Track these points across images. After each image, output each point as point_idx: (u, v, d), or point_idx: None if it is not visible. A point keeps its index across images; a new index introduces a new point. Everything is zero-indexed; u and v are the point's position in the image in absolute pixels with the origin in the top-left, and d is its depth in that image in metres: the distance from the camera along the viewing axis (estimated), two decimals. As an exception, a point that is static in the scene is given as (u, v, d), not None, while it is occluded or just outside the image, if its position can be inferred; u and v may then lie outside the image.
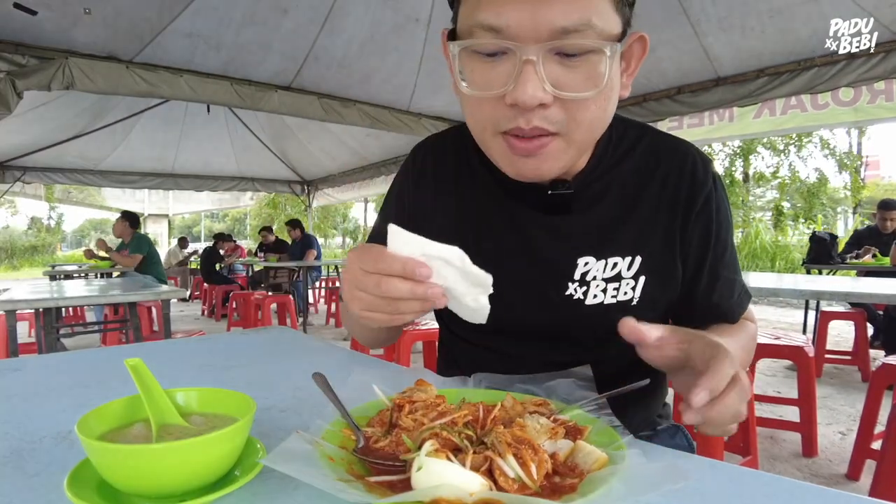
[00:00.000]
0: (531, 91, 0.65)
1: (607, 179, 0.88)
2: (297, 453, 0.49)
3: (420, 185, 0.99)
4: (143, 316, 5.37)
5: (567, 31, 0.64)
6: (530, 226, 0.89)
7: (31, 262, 27.03)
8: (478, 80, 0.71)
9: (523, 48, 0.65)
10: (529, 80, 0.65)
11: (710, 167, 0.89)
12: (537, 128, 0.69)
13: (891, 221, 5.31)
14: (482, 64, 0.70)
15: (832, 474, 2.60)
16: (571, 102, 0.68)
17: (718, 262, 0.90)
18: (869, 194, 16.74)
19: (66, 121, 7.01)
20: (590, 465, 0.51)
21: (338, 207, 25.78)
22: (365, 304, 0.62)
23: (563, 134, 0.71)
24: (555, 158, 0.74)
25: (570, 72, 0.67)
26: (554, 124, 0.70)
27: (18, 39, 3.89)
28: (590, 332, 0.90)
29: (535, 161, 0.73)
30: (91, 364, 1.05)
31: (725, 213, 0.90)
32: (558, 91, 0.67)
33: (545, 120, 0.69)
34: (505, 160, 0.76)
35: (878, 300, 2.96)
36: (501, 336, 0.95)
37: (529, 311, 0.90)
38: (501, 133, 0.73)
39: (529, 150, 0.72)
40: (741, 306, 0.94)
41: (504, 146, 0.74)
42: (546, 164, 0.74)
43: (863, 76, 3.89)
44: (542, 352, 0.92)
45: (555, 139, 0.71)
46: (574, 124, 0.70)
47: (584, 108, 0.70)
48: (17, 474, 0.55)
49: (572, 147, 0.74)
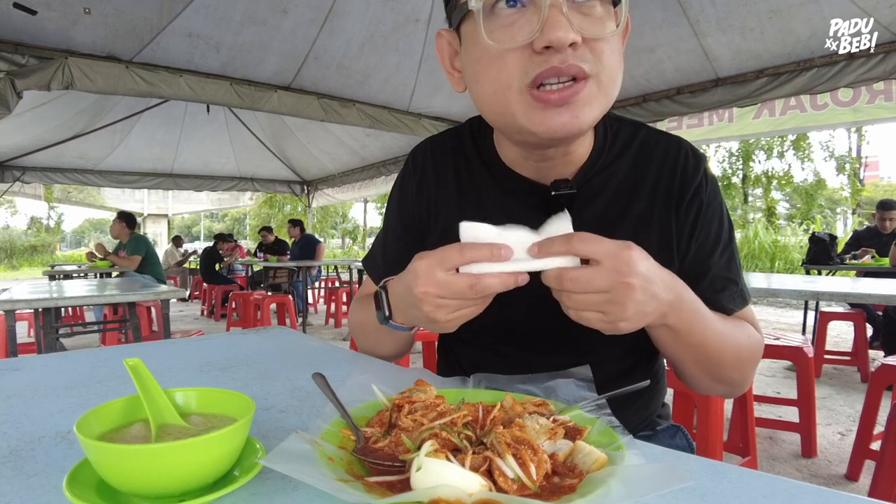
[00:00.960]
0: (563, 30, 0.67)
1: (604, 177, 0.88)
2: (296, 453, 0.49)
3: (422, 188, 0.99)
4: (143, 316, 5.37)
5: None
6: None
7: (31, 261, 27.04)
8: (500, 35, 0.71)
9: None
10: (559, 20, 0.67)
11: (703, 162, 0.89)
12: (573, 65, 0.69)
13: (890, 221, 5.31)
14: (504, 18, 0.71)
15: (831, 475, 2.60)
16: (595, 42, 0.70)
17: (708, 256, 0.87)
18: (868, 195, 16.76)
19: (66, 121, 7.01)
20: (589, 465, 0.51)
21: (337, 208, 25.79)
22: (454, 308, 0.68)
23: (594, 75, 0.71)
24: (590, 105, 0.72)
25: (588, 18, 0.70)
26: (586, 62, 0.70)
27: (18, 39, 3.89)
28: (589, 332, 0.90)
29: (571, 110, 0.72)
30: (90, 364, 1.05)
31: (718, 209, 0.88)
32: (583, 30, 0.69)
33: (579, 58, 0.69)
34: (534, 117, 0.73)
35: (877, 301, 2.95)
36: (501, 337, 0.95)
37: (529, 312, 0.90)
38: (528, 89, 0.71)
39: (565, 97, 0.70)
40: (731, 303, 0.88)
41: (531, 102, 0.72)
42: (583, 110, 0.72)
43: (862, 77, 3.89)
44: (542, 352, 0.92)
45: (587, 83, 0.71)
46: (602, 66, 0.71)
47: (609, 51, 0.71)
48: (16, 474, 0.55)
49: (602, 92, 0.73)
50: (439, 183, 0.97)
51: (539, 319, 0.91)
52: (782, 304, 9.55)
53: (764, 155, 16.94)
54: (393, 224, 1.05)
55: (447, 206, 0.96)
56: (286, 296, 6.82)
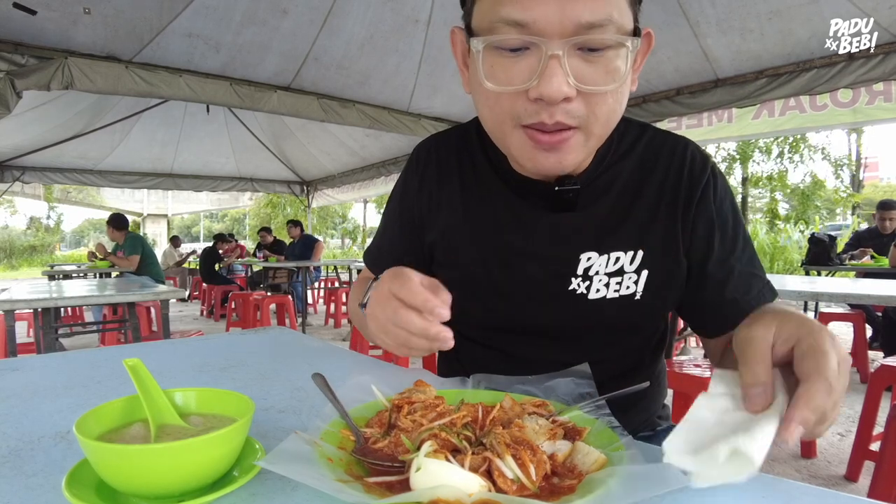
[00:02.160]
0: (557, 85, 0.66)
1: (609, 176, 0.89)
2: (295, 454, 0.49)
3: (424, 184, 0.99)
4: (142, 316, 5.36)
5: (591, 26, 0.65)
6: (534, 223, 0.89)
7: (30, 261, 27.03)
8: (499, 76, 0.71)
9: (549, 43, 0.66)
10: (555, 74, 0.66)
11: (709, 161, 0.90)
12: (560, 122, 0.70)
13: (890, 221, 5.31)
14: (503, 59, 0.70)
15: (831, 475, 2.60)
16: (592, 96, 0.70)
17: (729, 255, 0.87)
18: (867, 195, 16.77)
19: (66, 121, 7.00)
20: (588, 466, 0.51)
21: (337, 208, 25.80)
22: (380, 326, 0.67)
23: (583, 127, 0.72)
24: (575, 151, 0.74)
25: (590, 66, 0.68)
26: (575, 118, 0.70)
27: (18, 39, 3.88)
28: (593, 327, 0.90)
29: (558, 155, 0.74)
30: (90, 364, 1.05)
31: (730, 206, 0.89)
32: (581, 85, 0.68)
33: (567, 114, 0.70)
34: (525, 153, 0.76)
35: (876, 301, 2.96)
36: (505, 333, 0.95)
37: (533, 307, 0.91)
38: (521, 127, 0.73)
39: (553, 143, 0.72)
40: (762, 302, 0.86)
41: (524, 139, 0.74)
42: (568, 157, 0.74)
43: (861, 78, 3.89)
44: (545, 349, 0.92)
45: (575, 133, 0.72)
46: (593, 117, 0.71)
47: (603, 102, 0.71)
48: (16, 474, 0.55)
49: (591, 140, 0.74)
50: (442, 179, 0.97)
51: (540, 315, 0.91)
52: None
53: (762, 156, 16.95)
54: (393, 218, 1.05)
55: (450, 203, 0.96)
56: (286, 296, 6.82)
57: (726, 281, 0.86)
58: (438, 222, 0.97)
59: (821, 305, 4.57)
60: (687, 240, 0.87)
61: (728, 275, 0.86)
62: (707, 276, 0.87)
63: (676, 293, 0.90)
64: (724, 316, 0.86)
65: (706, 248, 0.87)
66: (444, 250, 0.97)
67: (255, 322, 6.16)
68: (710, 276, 0.87)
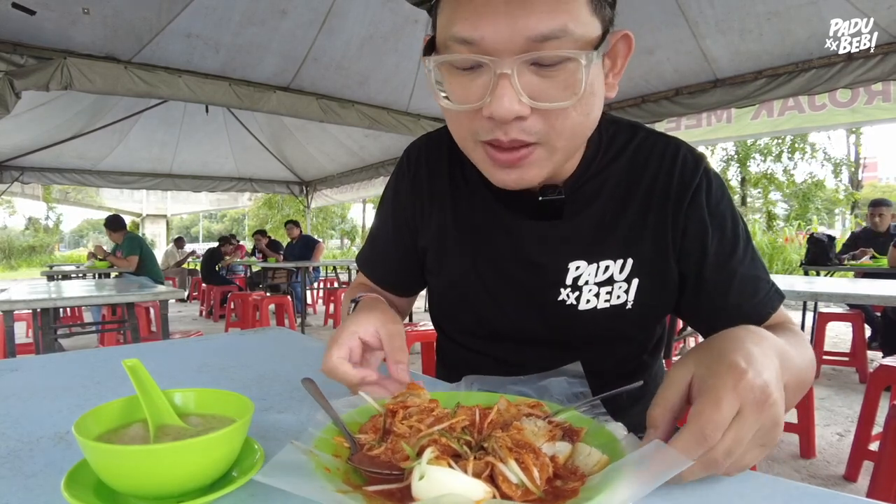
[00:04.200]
0: (507, 105, 0.64)
1: (597, 182, 0.86)
2: (292, 466, 0.48)
3: (415, 187, 0.98)
4: (141, 316, 5.36)
5: (545, 38, 0.63)
6: (521, 231, 0.88)
7: (29, 262, 27.00)
8: (457, 93, 0.70)
9: (498, 62, 0.64)
10: (505, 93, 0.64)
11: (702, 162, 0.86)
12: (516, 140, 0.68)
13: (880, 217, 5.35)
14: (460, 77, 0.69)
15: (830, 475, 2.61)
16: (550, 112, 0.67)
17: (729, 258, 0.83)
18: (867, 196, 16.79)
19: (65, 121, 7.00)
20: (591, 466, 0.51)
21: (336, 209, 25.78)
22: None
23: (544, 143, 0.70)
24: (538, 167, 0.72)
25: (546, 81, 0.66)
26: (533, 135, 0.68)
27: (17, 39, 3.88)
28: (584, 338, 0.89)
29: (518, 171, 0.72)
30: (89, 365, 1.04)
31: (726, 207, 0.85)
32: (535, 102, 0.66)
33: (523, 132, 0.68)
34: (487, 169, 0.75)
35: (875, 302, 2.96)
36: (498, 341, 0.95)
37: (523, 317, 0.90)
38: (482, 143, 0.72)
39: (511, 161, 0.71)
40: (769, 306, 0.84)
41: (484, 155, 0.73)
42: (529, 172, 0.73)
43: (860, 78, 3.90)
44: (537, 357, 0.91)
45: (535, 148, 0.70)
46: (554, 133, 0.69)
47: (564, 117, 0.68)
48: (15, 475, 0.55)
49: (556, 154, 0.72)
50: (433, 183, 0.96)
51: (531, 324, 0.90)
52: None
53: (761, 157, 16.95)
54: (385, 221, 1.04)
55: (440, 207, 0.95)
56: (285, 296, 6.81)
57: (728, 285, 0.83)
58: (430, 227, 0.96)
59: (820, 305, 4.57)
60: (678, 245, 0.85)
61: (730, 279, 0.83)
62: (705, 281, 0.84)
63: (669, 300, 0.88)
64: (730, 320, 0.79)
65: (700, 252, 0.84)
66: (435, 256, 0.96)
67: (254, 322, 6.15)
68: (708, 280, 0.84)
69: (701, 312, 0.87)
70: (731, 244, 0.84)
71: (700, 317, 0.88)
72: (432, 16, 0.74)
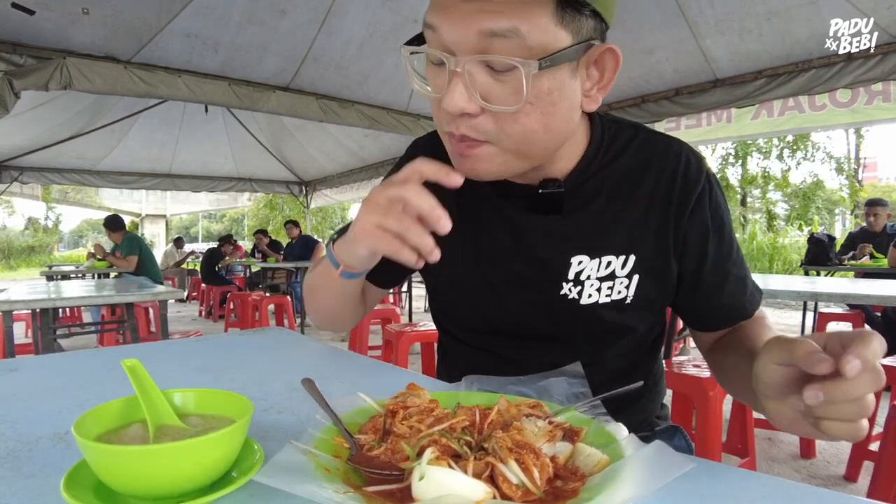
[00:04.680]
0: (456, 101, 0.68)
1: (599, 179, 0.87)
2: (291, 466, 0.48)
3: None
4: (141, 317, 5.36)
5: (493, 34, 0.65)
6: (523, 226, 0.89)
7: (29, 262, 26.99)
8: (431, 83, 0.74)
9: (451, 59, 0.67)
10: (455, 90, 0.68)
11: (703, 165, 0.88)
12: (464, 135, 0.72)
13: (875, 217, 5.38)
14: (432, 68, 0.73)
15: (830, 476, 2.61)
16: (500, 114, 0.70)
17: (725, 260, 0.88)
18: (866, 196, 16.80)
19: (64, 121, 6.99)
20: (591, 467, 0.51)
21: (336, 209, 25.77)
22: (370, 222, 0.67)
23: (494, 142, 0.73)
24: (487, 162, 0.75)
25: (499, 84, 0.68)
26: (482, 133, 0.72)
27: (16, 39, 3.88)
28: (586, 332, 0.90)
29: (470, 161, 0.75)
30: (88, 365, 1.04)
31: (724, 211, 0.89)
32: (486, 103, 0.68)
33: (472, 129, 0.71)
34: (452, 157, 0.78)
35: (875, 302, 2.96)
36: (498, 337, 0.95)
37: (525, 312, 0.90)
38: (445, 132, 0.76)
39: (461, 150, 0.74)
40: (753, 303, 0.91)
41: (448, 143, 0.77)
42: (479, 165, 0.75)
43: (860, 78, 3.89)
44: (539, 353, 0.92)
45: (483, 145, 0.73)
46: (504, 135, 0.71)
47: (514, 121, 0.70)
48: (14, 475, 0.55)
49: (507, 154, 0.74)
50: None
51: (532, 319, 0.90)
52: (781, 305, 9.56)
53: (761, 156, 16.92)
54: None
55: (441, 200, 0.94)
56: (284, 297, 6.81)
57: (722, 286, 0.89)
58: None
59: (820, 306, 4.57)
60: (679, 246, 0.87)
61: (724, 280, 0.88)
62: (702, 282, 0.89)
63: (668, 296, 0.91)
64: (720, 317, 0.91)
65: (700, 254, 0.87)
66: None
67: (253, 322, 6.15)
68: (705, 281, 0.88)
69: (695, 309, 0.93)
70: (728, 247, 0.89)
71: (693, 313, 0.94)
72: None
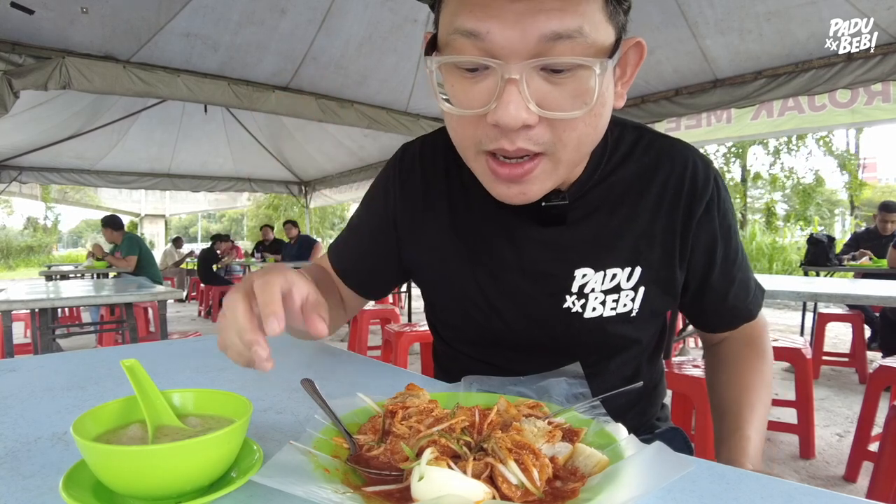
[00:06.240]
0: (514, 112, 0.60)
1: (604, 188, 0.84)
2: (290, 466, 0.48)
3: (408, 191, 0.93)
4: (140, 317, 5.36)
5: (557, 37, 0.59)
6: (525, 238, 0.85)
7: (28, 262, 26.95)
8: (459, 97, 0.66)
9: (505, 66, 0.60)
10: (512, 100, 0.60)
11: (711, 170, 0.86)
12: (521, 149, 0.65)
13: (891, 224, 5.29)
14: (463, 80, 0.65)
15: (829, 476, 2.61)
16: (558, 122, 0.64)
17: (733, 265, 0.89)
18: (866, 196, 16.79)
19: (63, 120, 6.99)
20: (591, 468, 0.51)
21: (335, 208, 25.77)
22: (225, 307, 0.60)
23: (550, 154, 0.67)
24: (541, 182, 0.70)
25: (556, 89, 0.62)
26: (539, 145, 0.65)
27: (15, 39, 3.88)
28: (589, 345, 0.88)
29: (520, 186, 0.69)
30: (87, 365, 1.04)
31: (732, 217, 0.88)
32: (544, 111, 0.62)
33: (529, 141, 0.64)
34: (488, 182, 0.72)
35: (875, 302, 2.96)
36: (499, 349, 0.93)
37: (527, 325, 0.88)
38: (484, 153, 0.68)
39: (514, 176, 0.68)
40: (757, 304, 0.94)
41: (486, 168, 0.70)
42: (532, 188, 0.70)
43: (860, 78, 3.90)
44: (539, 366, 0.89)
45: (540, 161, 0.67)
46: (560, 144, 0.66)
47: (572, 128, 0.65)
48: (12, 476, 0.55)
49: (560, 167, 0.69)
50: (428, 190, 0.92)
51: (534, 332, 0.88)
52: (780, 306, 9.56)
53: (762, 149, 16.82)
54: (366, 217, 0.99)
55: (437, 216, 0.91)
56: (284, 296, 6.78)
57: (728, 290, 0.90)
58: (424, 238, 0.92)
59: (819, 306, 4.56)
60: (686, 253, 0.85)
61: (730, 284, 0.89)
62: (710, 287, 0.89)
63: (672, 304, 0.90)
64: (726, 320, 0.94)
65: (708, 261, 0.87)
66: (433, 267, 0.93)
67: (253, 322, 6.13)
68: (713, 286, 0.89)
69: (702, 313, 0.94)
70: (735, 252, 0.89)
71: (700, 316, 0.95)
72: (435, 11, 0.70)
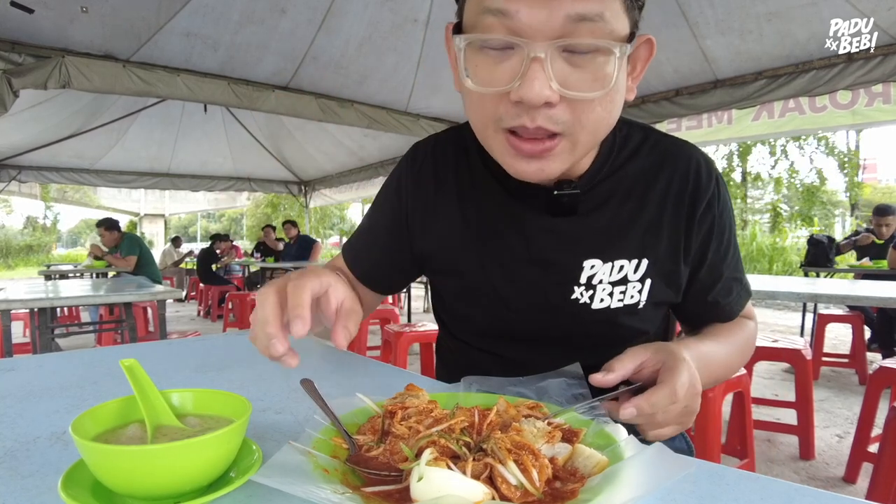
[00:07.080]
0: (538, 89, 0.63)
1: (613, 181, 0.86)
2: (290, 466, 0.48)
3: (420, 186, 0.95)
4: (139, 316, 5.36)
5: (582, 19, 0.62)
6: (535, 228, 0.87)
7: (27, 261, 26.94)
8: (482, 76, 0.68)
9: (531, 44, 0.63)
10: (537, 77, 0.63)
11: (714, 169, 0.88)
12: (541, 127, 0.67)
13: (887, 227, 5.27)
14: (487, 59, 0.67)
15: (829, 477, 2.61)
16: (577, 103, 0.67)
17: (721, 262, 0.90)
18: (866, 197, 16.78)
19: (63, 120, 6.99)
20: (590, 468, 0.51)
21: (335, 209, 25.78)
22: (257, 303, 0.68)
23: (568, 135, 0.69)
24: (560, 160, 0.72)
25: (577, 71, 0.65)
26: (559, 124, 0.68)
27: (15, 38, 3.87)
28: (596, 336, 0.89)
29: (540, 163, 0.72)
30: (86, 364, 1.04)
31: (729, 214, 0.90)
32: (565, 90, 0.64)
33: (550, 120, 0.67)
34: (506, 159, 0.74)
35: (875, 303, 2.96)
36: (506, 340, 0.94)
37: (534, 315, 0.89)
38: (504, 130, 0.71)
39: (534, 152, 0.70)
40: (739, 304, 0.94)
41: (506, 144, 0.72)
42: (551, 165, 0.72)
43: (861, 79, 3.90)
44: (546, 357, 0.90)
45: (560, 141, 0.70)
46: (579, 125, 0.69)
47: (590, 109, 0.68)
48: (11, 475, 0.55)
49: (577, 147, 0.72)
50: (439, 184, 0.94)
51: (542, 323, 0.89)
52: (780, 306, 9.56)
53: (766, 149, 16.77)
54: (381, 215, 1.01)
55: (447, 209, 0.93)
56: (283, 296, 6.78)
57: (712, 285, 0.91)
58: (434, 229, 0.94)
59: (819, 307, 4.57)
60: (690, 247, 0.87)
61: (715, 280, 0.91)
62: (696, 281, 0.90)
63: (676, 297, 0.91)
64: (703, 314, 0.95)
65: (702, 255, 0.89)
66: (443, 258, 0.94)
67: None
68: (699, 280, 0.90)
69: (682, 302, 0.94)
70: (726, 250, 0.91)
71: (680, 308, 0.96)
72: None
